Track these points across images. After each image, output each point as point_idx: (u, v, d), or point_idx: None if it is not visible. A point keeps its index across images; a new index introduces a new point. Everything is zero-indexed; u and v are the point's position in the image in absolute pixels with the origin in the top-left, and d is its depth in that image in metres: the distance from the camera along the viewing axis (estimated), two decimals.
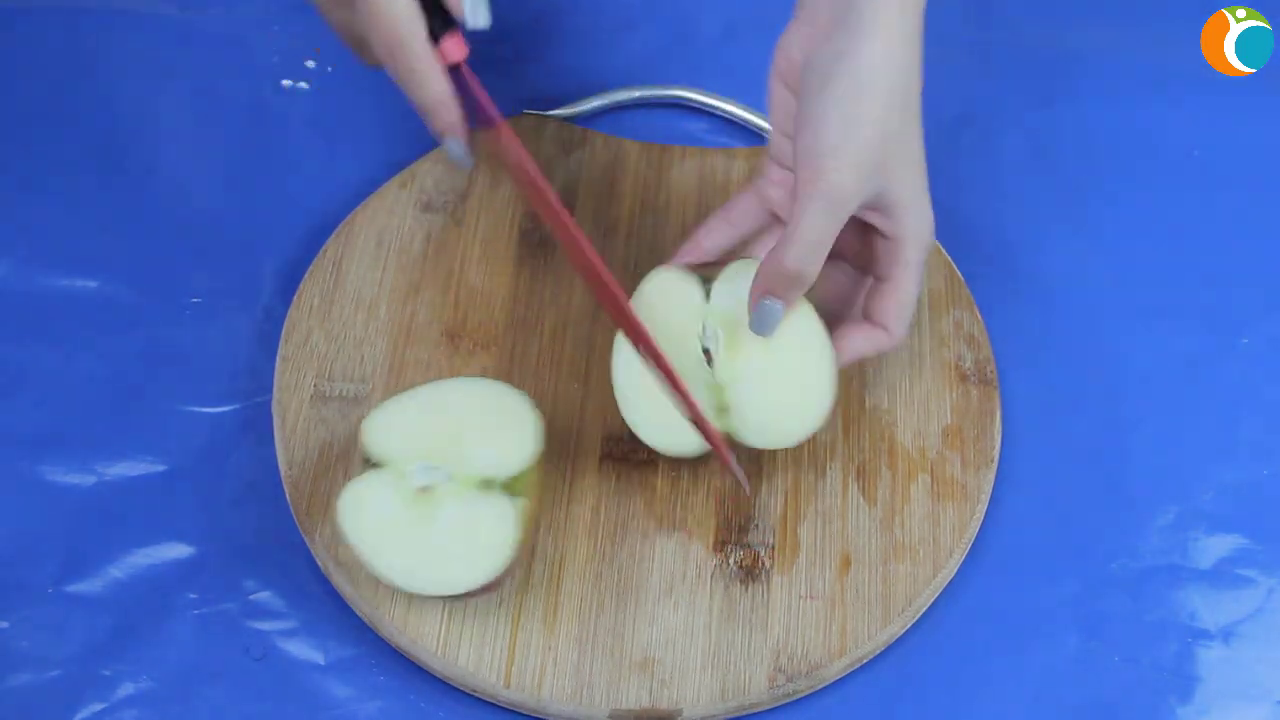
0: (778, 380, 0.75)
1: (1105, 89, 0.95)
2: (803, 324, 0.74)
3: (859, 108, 0.71)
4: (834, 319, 0.77)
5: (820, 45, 0.73)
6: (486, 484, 0.72)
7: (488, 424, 0.74)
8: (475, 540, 0.71)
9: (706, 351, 0.75)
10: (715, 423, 0.75)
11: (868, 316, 0.76)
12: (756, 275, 0.72)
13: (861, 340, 0.76)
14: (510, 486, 0.72)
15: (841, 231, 0.72)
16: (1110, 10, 0.99)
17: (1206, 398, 0.84)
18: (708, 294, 0.75)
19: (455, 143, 0.75)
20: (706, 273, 0.76)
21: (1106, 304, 0.87)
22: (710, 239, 0.79)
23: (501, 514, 0.71)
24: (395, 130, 0.92)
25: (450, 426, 0.74)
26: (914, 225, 0.74)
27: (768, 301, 0.72)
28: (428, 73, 0.73)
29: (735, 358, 0.75)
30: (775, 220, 0.79)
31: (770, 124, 0.78)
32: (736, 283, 0.75)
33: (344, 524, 0.72)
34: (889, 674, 0.75)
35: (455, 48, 0.74)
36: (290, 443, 0.78)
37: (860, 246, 0.76)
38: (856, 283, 0.78)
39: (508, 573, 0.71)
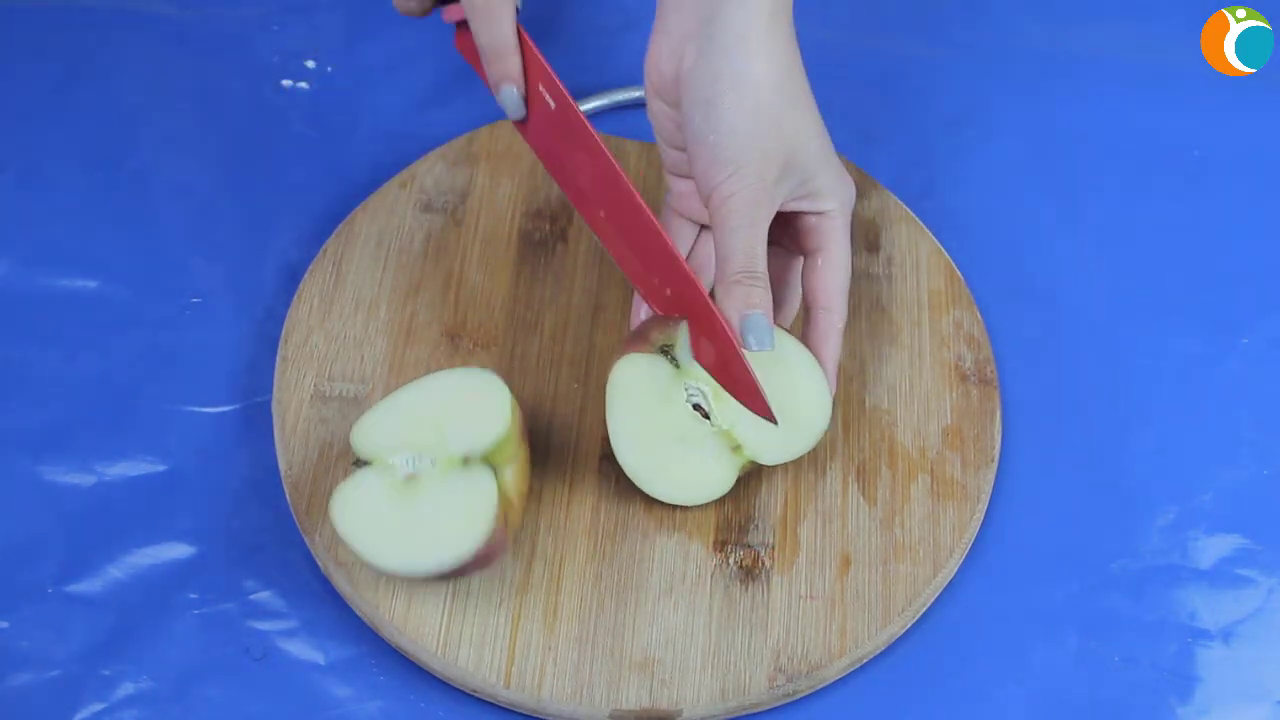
0: (775, 403, 0.75)
1: (1105, 89, 0.95)
2: (782, 346, 0.75)
3: (753, 123, 0.72)
4: (775, 302, 0.77)
5: (693, 64, 0.73)
6: (466, 460, 0.72)
7: (462, 406, 0.74)
8: (458, 510, 0.71)
9: (698, 407, 0.75)
10: (732, 458, 0.75)
11: (809, 297, 0.76)
12: (720, 305, 0.72)
13: (822, 338, 0.76)
14: (492, 458, 0.72)
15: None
16: (1110, 10, 0.99)
17: (1206, 398, 0.84)
18: (674, 362, 0.75)
19: (511, 92, 0.76)
20: (662, 339, 0.76)
21: (1106, 304, 0.87)
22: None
23: (481, 481, 0.72)
24: (395, 130, 0.92)
25: (429, 416, 0.74)
26: (838, 199, 0.76)
27: (747, 316, 0.72)
28: (501, 13, 0.74)
29: (727, 402, 0.75)
30: (704, 227, 0.80)
31: (657, 139, 0.79)
32: None
33: (338, 524, 0.72)
34: (889, 674, 0.75)
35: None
36: (290, 443, 0.78)
37: (789, 228, 0.77)
38: (788, 262, 0.79)
39: (499, 545, 0.71)
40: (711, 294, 0.74)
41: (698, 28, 0.73)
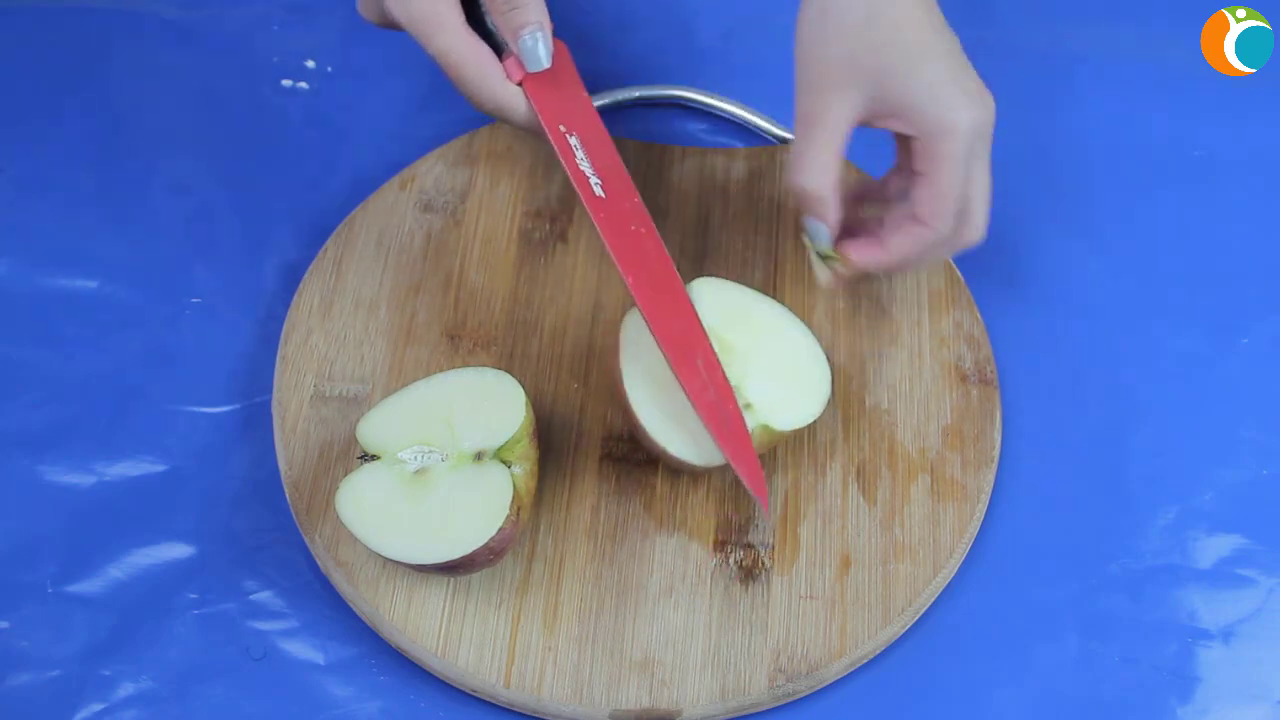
0: (781, 365, 0.76)
1: (1105, 89, 0.95)
2: (780, 319, 0.77)
3: (822, 31, 0.73)
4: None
5: None
6: (479, 456, 0.73)
7: (475, 403, 0.74)
8: (474, 501, 0.71)
9: None
10: (745, 418, 0.75)
11: (912, 210, 0.75)
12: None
13: (902, 238, 0.75)
14: (503, 454, 0.73)
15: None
16: (1110, 10, 0.99)
17: (1206, 398, 0.84)
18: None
19: (534, 38, 0.74)
20: None
21: (1106, 304, 0.87)
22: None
23: (497, 475, 0.72)
24: (395, 130, 0.92)
25: (441, 414, 0.74)
26: (934, 122, 0.73)
27: (809, 221, 0.75)
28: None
29: (735, 359, 0.75)
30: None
31: None
32: (704, 299, 0.76)
33: (344, 514, 0.72)
34: (889, 674, 0.75)
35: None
36: (290, 443, 0.78)
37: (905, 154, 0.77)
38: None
39: (508, 537, 0.71)
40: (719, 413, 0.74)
41: None
